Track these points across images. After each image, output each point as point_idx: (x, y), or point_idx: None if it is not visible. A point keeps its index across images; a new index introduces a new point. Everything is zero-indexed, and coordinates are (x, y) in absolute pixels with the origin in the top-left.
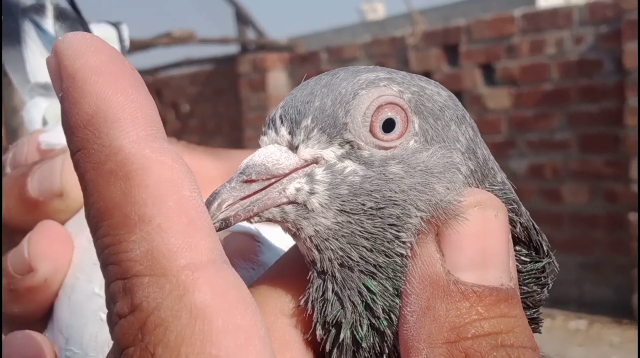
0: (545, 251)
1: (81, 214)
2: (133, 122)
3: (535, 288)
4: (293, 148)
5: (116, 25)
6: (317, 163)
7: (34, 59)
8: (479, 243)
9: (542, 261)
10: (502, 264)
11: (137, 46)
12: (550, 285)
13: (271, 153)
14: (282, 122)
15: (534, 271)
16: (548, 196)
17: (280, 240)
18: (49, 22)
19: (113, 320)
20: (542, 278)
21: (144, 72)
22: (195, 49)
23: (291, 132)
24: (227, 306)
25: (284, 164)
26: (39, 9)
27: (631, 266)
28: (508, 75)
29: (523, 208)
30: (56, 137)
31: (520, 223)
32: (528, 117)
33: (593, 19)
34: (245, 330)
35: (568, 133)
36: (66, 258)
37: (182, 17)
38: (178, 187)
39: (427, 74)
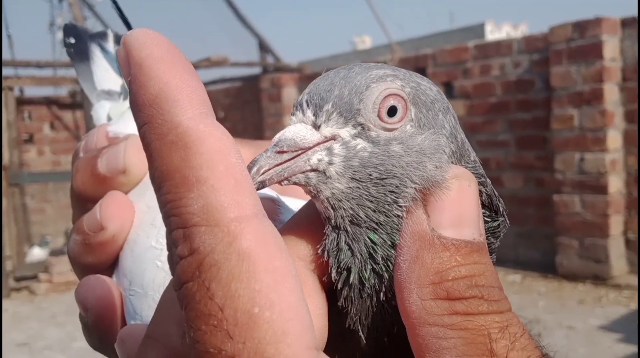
0: (502, 212)
1: (140, 186)
2: (190, 102)
3: (492, 240)
4: (316, 126)
5: None
6: (334, 140)
7: (100, 72)
8: (457, 207)
9: (498, 220)
10: (474, 223)
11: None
12: (501, 237)
13: (299, 130)
14: (307, 105)
15: (492, 228)
16: (492, 183)
17: (294, 205)
18: (110, 45)
19: (174, 260)
20: (497, 233)
21: None
22: (228, 70)
23: (315, 114)
24: (267, 251)
25: (309, 139)
26: (103, 34)
27: (554, 235)
28: (463, 91)
29: (488, 179)
30: (119, 128)
31: (485, 191)
32: (478, 122)
33: (528, 48)
34: (281, 270)
35: (508, 135)
36: (129, 219)
37: (218, 46)
38: (226, 155)
39: None
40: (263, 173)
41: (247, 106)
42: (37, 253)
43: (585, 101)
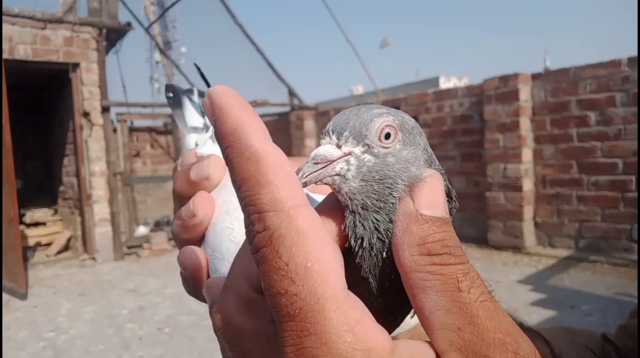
0: (454, 198)
1: (218, 187)
2: (256, 131)
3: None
4: (338, 146)
5: None
6: (350, 155)
7: (189, 115)
8: (431, 194)
9: (452, 204)
10: (443, 205)
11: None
12: (453, 216)
13: (328, 148)
14: (332, 132)
15: (450, 209)
16: None
17: (317, 198)
18: (195, 97)
19: (252, 234)
20: (452, 212)
21: None
22: (268, 108)
23: (337, 138)
24: (313, 227)
25: (334, 154)
26: (190, 90)
27: (486, 219)
28: (425, 122)
29: (446, 176)
30: (203, 151)
31: (447, 185)
32: (435, 143)
33: (469, 94)
34: (323, 240)
35: (455, 152)
36: (212, 209)
37: (261, 92)
38: (283, 165)
39: None
40: (306, 176)
41: (281, 133)
42: (141, 230)
43: (507, 129)
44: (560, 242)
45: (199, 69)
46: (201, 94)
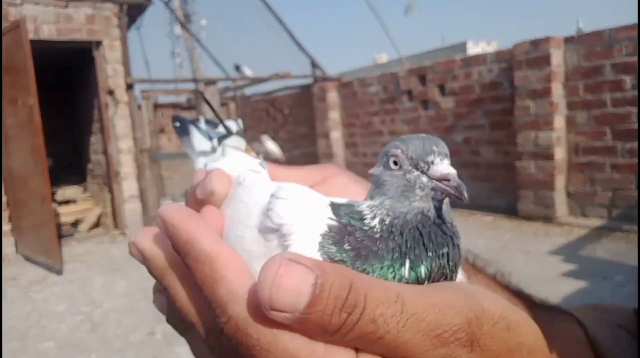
0: None
1: (225, 201)
2: (206, 238)
3: None
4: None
5: (236, 120)
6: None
7: (196, 141)
8: None
9: None
10: None
11: (259, 80)
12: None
13: (451, 168)
14: (446, 156)
15: None
16: (473, 153)
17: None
18: (202, 124)
19: (220, 327)
20: None
21: (265, 94)
22: (291, 81)
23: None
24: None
25: (453, 172)
26: (197, 119)
27: (517, 189)
28: (452, 90)
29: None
30: (210, 167)
31: None
32: (463, 112)
33: (498, 59)
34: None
35: (483, 121)
36: (220, 222)
37: (284, 64)
38: (233, 259)
39: (409, 92)
40: (455, 192)
41: (304, 105)
42: None
43: (538, 95)
44: (592, 211)
45: (204, 98)
46: (207, 122)
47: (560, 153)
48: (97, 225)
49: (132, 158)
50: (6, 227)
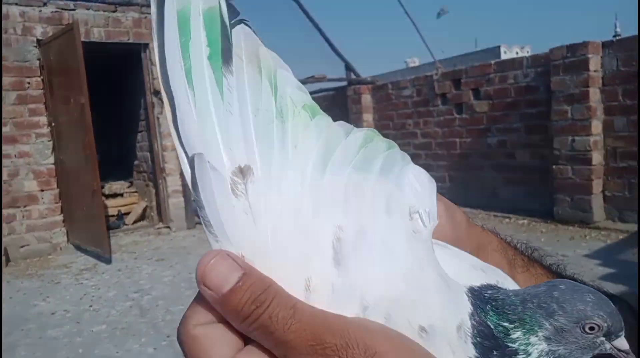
0: None
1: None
2: (188, 320)
3: None
4: None
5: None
6: None
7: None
8: None
9: None
10: None
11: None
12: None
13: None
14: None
15: None
16: (508, 157)
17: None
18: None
19: None
20: None
21: None
22: (326, 84)
23: None
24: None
25: None
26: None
27: (553, 193)
28: (487, 94)
29: None
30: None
31: None
32: (498, 115)
33: (534, 64)
34: None
35: (519, 124)
36: None
37: (319, 67)
38: (212, 346)
39: (444, 95)
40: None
41: (339, 107)
42: None
43: (575, 100)
44: (630, 216)
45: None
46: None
47: (597, 158)
48: (142, 218)
49: (176, 156)
50: (58, 218)
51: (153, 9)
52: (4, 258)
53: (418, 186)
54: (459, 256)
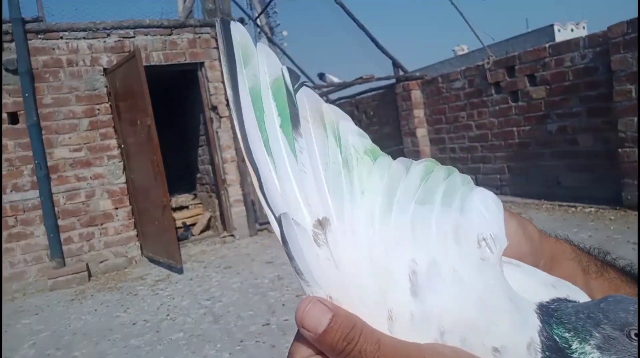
0: None
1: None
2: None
3: None
4: None
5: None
6: None
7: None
8: None
9: None
10: None
11: (345, 86)
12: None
13: None
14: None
15: None
16: (570, 143)
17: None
18: None
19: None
20: None
21: (349, 97)
22: (375, 83)
23: None
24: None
25: None
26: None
27: (620, 178)
28: (543, 79)
29: None
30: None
31: None
32: (556, 100)
33: (592, 44)
34: None
35: (580, 108)
36: None
37: (367, 67)
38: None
39: (497, 84)
40: None
41: (388, 105)
42: None
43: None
44: None
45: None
46: None
47: None
48: (207, 228)
49: (235, 167)
50: (132, 233)
51: (229, 91)
52: (86, 273)
53: (484, 210)
54: (530, 273)
